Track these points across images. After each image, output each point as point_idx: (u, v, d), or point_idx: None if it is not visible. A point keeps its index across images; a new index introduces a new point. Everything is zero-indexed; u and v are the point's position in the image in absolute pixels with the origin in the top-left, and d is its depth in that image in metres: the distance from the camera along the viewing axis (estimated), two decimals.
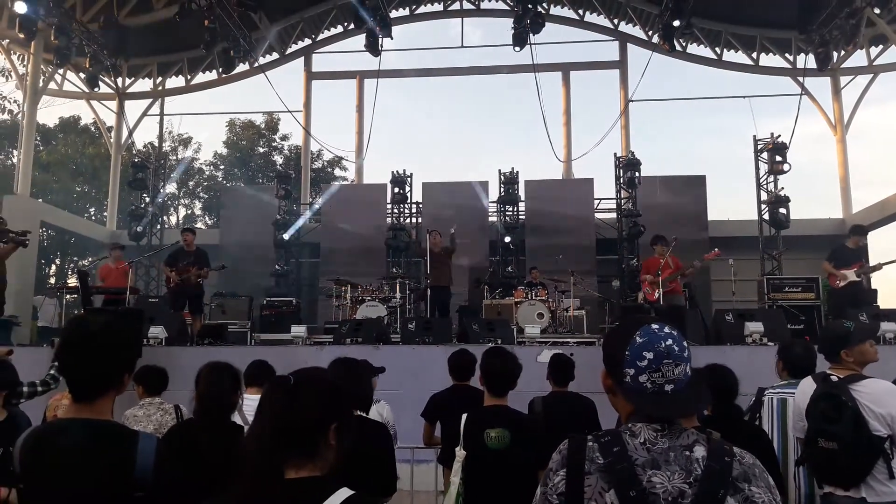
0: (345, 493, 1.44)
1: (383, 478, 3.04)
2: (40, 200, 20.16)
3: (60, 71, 17.21)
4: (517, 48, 14.73)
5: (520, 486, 1.43)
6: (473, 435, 3.18)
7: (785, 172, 14.17)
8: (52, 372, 4.57)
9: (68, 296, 10.56)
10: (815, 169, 35.59)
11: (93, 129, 27.42)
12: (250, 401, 3.66)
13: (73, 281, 14.24)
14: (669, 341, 1.51)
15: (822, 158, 38.75)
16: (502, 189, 15.44)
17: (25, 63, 16.50)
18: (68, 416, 1.89)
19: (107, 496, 1.72)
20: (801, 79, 16.19)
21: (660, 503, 1.38)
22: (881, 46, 16.01)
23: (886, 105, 41.97)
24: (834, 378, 3.29)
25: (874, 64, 16.31)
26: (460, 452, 3.18)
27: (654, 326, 1.54)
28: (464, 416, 3.30)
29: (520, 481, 1.38)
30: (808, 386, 3.39)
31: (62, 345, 1.90)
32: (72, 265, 26.89)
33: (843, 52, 15.75)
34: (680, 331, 1.57)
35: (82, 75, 16.69)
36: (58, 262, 27.96)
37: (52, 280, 25.68)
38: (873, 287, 11.82)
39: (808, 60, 15.86)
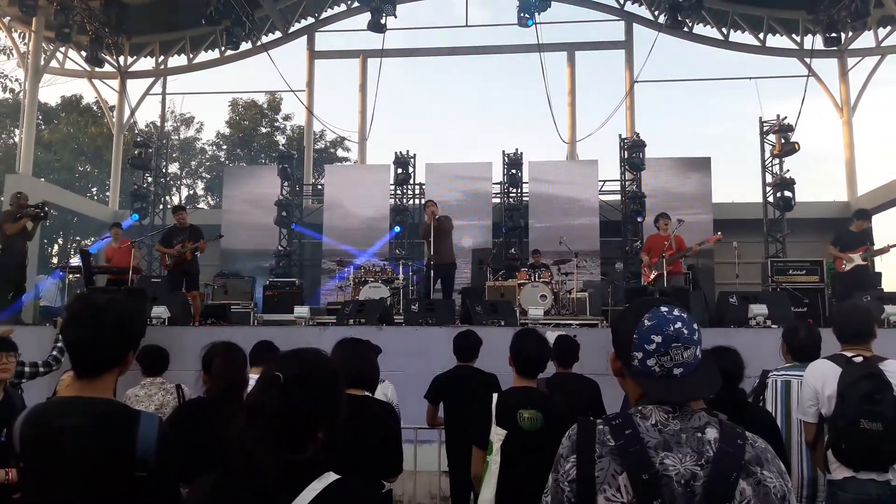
0: (329, 477, 1.43)
1: (389, 458, 3.04)
2: (42, 180, 20.14)
3: (62, 49, 17.11)
4: (525, 21, 14.53)
5: (550, 469, 1.47)
6: (506, 415, 3.16)
7: (795, 152, 14.07)
8: (54, 353, 4.56)
9: (70, 275, 10.59)
10: (821, 152, 35.40)
11: (95, 108, 27.32)
12: (255, 381, 3.65)
13: (75, 260, 14.24)
14: (679, 324, 1.48)
15: (827, 141, 38.53)
16: (506, 170, 15.37)
17: (27, 41, 16.39)
18: (69, 394, 1.88)
19: (108, 476, 1.71)
20: (808, 60, 16.02)
21: (672, 486, 1.37)
22: (889, 27, 15.81)
23: (894, 87, 41.68)
24: (858, 359, 3.23)
25: (882, 45, 16.11)
26: (500, 431, 3.16)
27: (664, 309, 1.51)
28: (494, 396, 3.28)
29: (551, 463, 1.40)
30: (826, 368, 3.30)
31: (68, 319, 1.88)
32: (74, 245, 26.94)
33: (850, 34, 15.56)
34: (689, 313, 1.54)
35: (84, 53, 16.59)
36: (60, 241, 28.01)
37: (55, 260, 25.74)
38: (877, 270, 11.80)
39: (815, 42, 15.72)
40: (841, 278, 9.54)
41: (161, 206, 16.70)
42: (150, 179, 16.46)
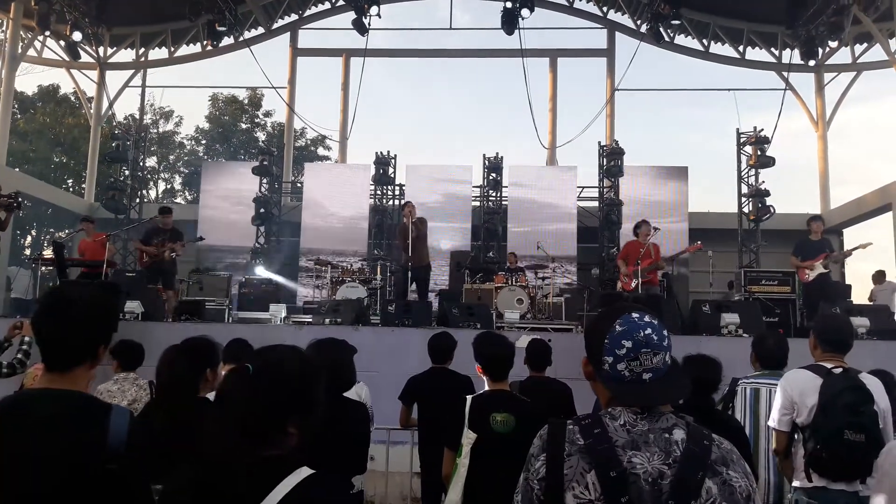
0: (304, 472, 1.43)
1: (357, 456, 3.07)
2: (17, 170, 19.81)
3: (40, 38, 16.85)
4: (506, 30, 14.60)
5: (520, 471, 1.51)
6: (479, 419, 3.19)
7: (771, 165, 14.30)
8: (19, 356, 4.45)
9: (43, 267, 10.42)
10: (796, 164, 35.96)
11: (73, 98, 26.95)
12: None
13: (48, 253, 14.03)
14: (648, 330, 1.52)
15: (802, 154, 39.23)
16: (486, 174, 15.43)
17: (4, 29, 16.13)
18: (40, 387, 1.86)
19: (79, 468, 1.70)
20: (785, 74, 16.30)
21: (640, 483, 1.40)
22: (865, 44, 16.13)
23: (868, 103, 42.51)
24: (837, 370, 3.26)
25: (858, 62, 16.44)
26: (471, 434, 3.18)
27: (635, 315, 1.55)
28: (468, 399, 3.31)
29: (522, 466, 1.43)
30: (806, 377, 3.31)
31: (40, 311, 1.87)
32: (48, 237, 26.53)
33: (827, 49, 15.86)
34: (660, 320, 1.58)
35: (62, 43, 16.36)
36: (34, 233, 27.58)
37: (28, 251, 25.32)
38: (847, 283, 12.01)
39: (793, 56, 16.00)
40: (807, 288, 9.68)
41: (137, 200, 16.51)
42: (126, 172, 16.26)
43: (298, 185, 17.95)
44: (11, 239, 17.28)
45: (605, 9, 18.18)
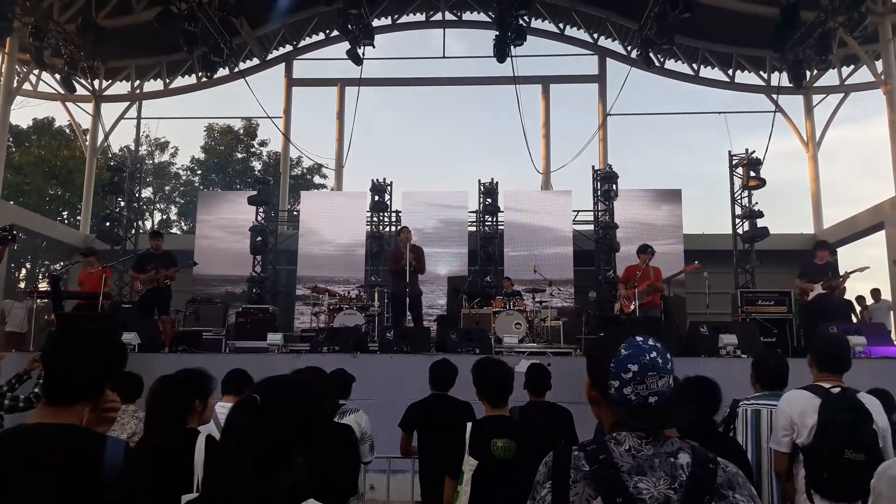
0: None
1: (346, 479, 3.07)
2: (12, 203, 19.82)
3: (35, 72, 16.97)
4: (498, 58, 14.76)
5: (525, 497, 1.50)
6: (479, 445, 3.18)
7: (761, 187, 14.40)
8: (36, 390, 4.44)
9: (38, 300, 10.41)
10: (788, 185, 36.23)
11: (68, 131, 27.06)
12: (227, 410, 3.63)
13: (43, 285, 13.98)
14: (654, 354, 1.52)
15: (794, 175, 39.52)
16: (482, 199, 15.51)
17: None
18: (36, 421, 1.86)
19: (75, 500, 1.70)
20: (775, 96, 16.49)
21: None
22: (852, 66, 16.37)
23: (856, 124, 42.98)
24: (836, 390, 3.26)
25: (845, 83, 16.67)
26: (472, 461, 3.17)
27: (639, 339, 1.55)
28: (468, 426, 3.30)
29: (525, 492, 1.42)
30: (804, 398, 3.32)
31: (52, 345, 1.87)
32: (42, 269, 26.46)
33: (815, 72, 16.08)
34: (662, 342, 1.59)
35: (58, 76, 16.48)
36: (28, 265, 27.50)
37: (22, 284, 25.25)
38: (846, 298, 12.04)
39: (781, 79, 16.22)
40: (806, 308, 9.71)
41: (133, 231, 16.50)
42: (122, 204, 16.27)
43: (295, 213, 18.00)
44: (6, 271, 17.22)
45: (595, 35, 18.44)
